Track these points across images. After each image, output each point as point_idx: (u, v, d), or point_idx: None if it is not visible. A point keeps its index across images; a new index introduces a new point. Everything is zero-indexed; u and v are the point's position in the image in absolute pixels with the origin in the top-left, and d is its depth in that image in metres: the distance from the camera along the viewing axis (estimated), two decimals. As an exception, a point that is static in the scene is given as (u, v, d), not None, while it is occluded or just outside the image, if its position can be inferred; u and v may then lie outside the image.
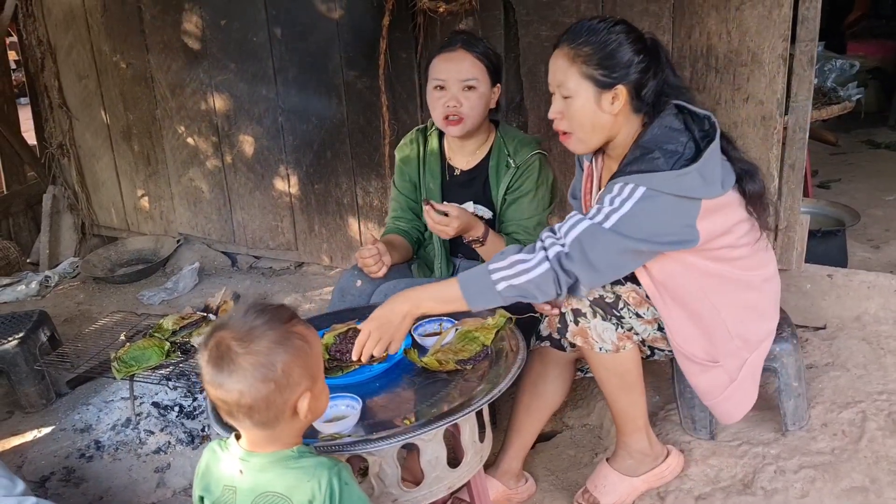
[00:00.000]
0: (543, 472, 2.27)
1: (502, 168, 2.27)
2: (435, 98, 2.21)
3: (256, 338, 1.25)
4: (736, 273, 1.85)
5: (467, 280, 1.80)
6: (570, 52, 1.79)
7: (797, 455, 2.02)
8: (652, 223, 1.69)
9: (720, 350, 1.88)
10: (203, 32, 3.73)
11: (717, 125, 1.76)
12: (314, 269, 3.95)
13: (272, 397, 1.25)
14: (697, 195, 1.70)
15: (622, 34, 1.78)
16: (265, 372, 1.24)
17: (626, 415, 1.98)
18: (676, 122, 1.78)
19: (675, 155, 1.72)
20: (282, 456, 1.31)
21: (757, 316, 1.92)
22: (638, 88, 1.79)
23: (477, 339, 1.88)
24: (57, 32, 4.26)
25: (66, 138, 4.47)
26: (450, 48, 2.20)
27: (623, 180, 1.71)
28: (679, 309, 1.85)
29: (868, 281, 2.61)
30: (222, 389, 1.25)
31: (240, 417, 1.28)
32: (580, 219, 1.73)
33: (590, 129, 1.83)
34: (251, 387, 1.24)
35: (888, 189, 4.34)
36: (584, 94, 1.79)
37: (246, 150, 3.85)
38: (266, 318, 1.28)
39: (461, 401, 1.66)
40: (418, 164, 2.41)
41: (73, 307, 3.93)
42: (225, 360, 1.24)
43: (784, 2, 2.38)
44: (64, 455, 2.52)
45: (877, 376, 2.30)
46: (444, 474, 1.68)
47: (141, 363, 2.42)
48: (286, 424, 1.30)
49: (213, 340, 1.27)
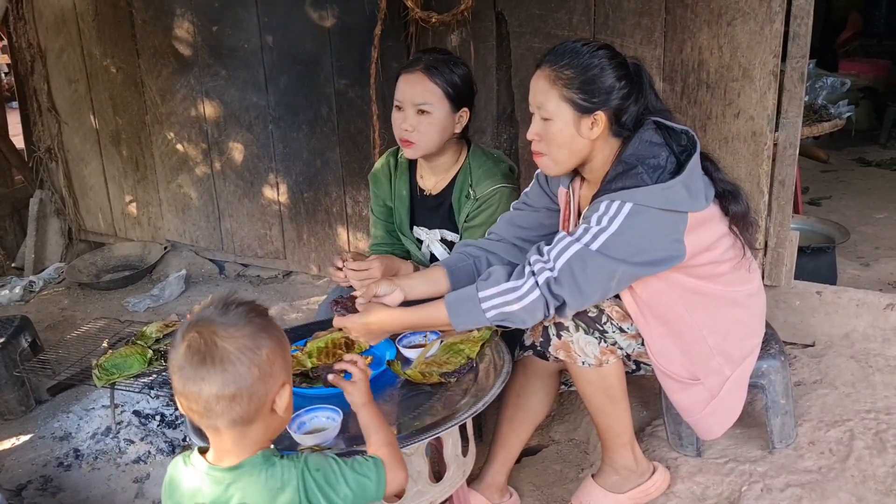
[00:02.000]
0: (528, 487, 2.24)
1: (463, 197, 2.24)
2: (394, 118, 2.20)
3: (240, 325, 1.23)
4: (719, 290, 1.83)
5: (455, 304, 1.77)
6: (552, 73, 1.77)
7: (784, 473, 2.00)
8: (640, 240, 1.68)
9: (701, 368, 1.86)
10: (194, 38, 3.71)
11: (695, 138, 1.76)
12: (302, 279, 3.92)
13: (255, 386, 1.22)
14: (684, 208, 1.69)
15: (605, 59, 1.77)
16: (251, 357, 1.21)
17: (610, 430, 1.96)
18: (656, 136, 1.77)
19: (658, 169, 1.71)
20: (248, 466, 1.26)
21: (741, 332, 1.91)
22: (618, 114, 1.79)
23: (462, 351, 1.86)
24: (47, 36, 4.24)
25: (55, 142, 4.43)
26: (410, 69, 2.16)
27: (609, 197, 1.70)
28: (661, 327, 1.83)
29: (857, 298, 2.60)
30: (204, 383, 1.20)
31: (217, 414, 1.21)
32: (569, 241, 1.71)
33: (567, 152, 1.82)
34: (236, 373, 1.20)
35: (878, 207, 4.35)
36: (564, 117, 1.77)
37: (235, 158, 3.83)
38: (245, 307, 1.26)
39: (444, 414, 1.64)
40: (390, 185, 2.40)
41: (56, 313, 3.89)
42: (209, 349, 1.20)
43: (776, 18, 2.38)
44: (42, 463, 2.47)
45: (865, 394, 2.29)
46: (426, 489, 1.66)
47: (122, 371, 2.38)
48: (262, 423, 1.26)
49: (191, 333, 1.22)
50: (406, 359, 1.90)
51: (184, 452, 1.35)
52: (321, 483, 1.26)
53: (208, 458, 1.30)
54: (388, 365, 1.85)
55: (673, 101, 2.59)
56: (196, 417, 1.25)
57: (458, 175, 2.27)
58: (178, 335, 1.25)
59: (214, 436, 1.28)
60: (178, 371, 1.22)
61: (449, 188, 2.29)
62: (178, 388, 1.23)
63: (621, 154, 1.78)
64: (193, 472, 1.30)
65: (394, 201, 2.40)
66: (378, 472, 1.31)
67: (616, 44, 2.62)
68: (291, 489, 1.25)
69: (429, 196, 2.34)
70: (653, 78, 1.86)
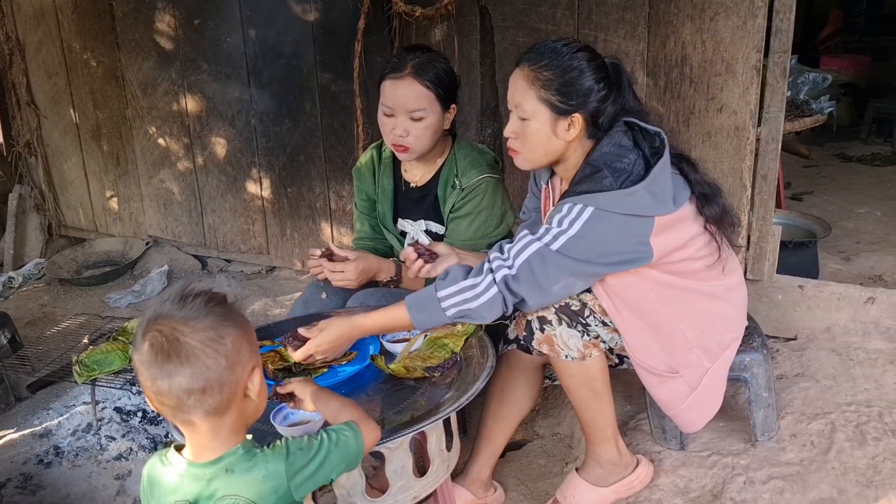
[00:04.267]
0: (513, 482, 2.24)
1: (449, 187, 2.23)
2: (383, 122, 2.16)
3: (201, 316, 1.20)
4: (695, 284, 1.84)
5: (415, 304, 1.79)
6: (531, 73, 1.77)
7: (766, 466, 2.02)
8: (601, 243, 1.69)
9: (679, 361, 1.87)
10: (176, 32, 3.68)
11: (665, 142, 1.76)
12: (286, 274, 3.90)
13: (225, 376, 1.20)
14: (648, 213, 1.69)
15: (584, 61, 1.77)
16: (216, 347, 1.19)
17: (594, 424, 1.96)
18: (626, 139, 1.78)
19: (623, 173, 1.71)
20: (229, 458, 1.25)
21: (720, 325, 1.92)
22: (595, 116, 1.79)
23: (446, 346, 1.85)
24: (26, 28, 4.18)
25: (34, 137, 4.38)
26: (398, 72, 2.10)
27: (571, 200, 1.71)
28: (636, 320, 1.84)
29: (838, 292, 2.62)
30: (171, 380, 1.18)
31: (190, 408, 1.20)
32: (530, 240, 1.72)
33: (542, 152, 1.83)
34: (203, 365, 1.18)
35: (859, 202, 4.39)
36: (541, 118, 1.78)
37: (218, 152, 3.80)
38: (203, 298, 1.23)
39: (428, 409, 1.63)
40: (373, 180, 2.38)
41: (36, 309, 3.85)
42: (172, 345, 1.17)
43: (758, 13, 2.39)
44: (21, 461, 2.44)
45: (846, 387, 2.31)
46: (410, 483, 1.66)
47: (103, 367, 2.36)
48: (237, 410, 1.25)
49: (152, 331, 1.19)
50: (390, 354, 1.89)
51: (159, 452, 1.33)
52: (307, 461, 1.27)
53: (186, 455, 1.28)
54: (372, 360, 1.84)
55: (656, 95, 2.60)
56: (169, 413, 1.23)
57: (443, 166, 2.26)
58: (139, 334, 1.22)
59: (190, 430, 1.26)
60: (144, 370, 1.20)
61: (434, 180, 2.28)
62: (146, 386, 1.21)
63: (589, 157, 1.79)
64: (172, 470, 1.28)
65: (377, 195, 2.38)
66: (355, 432, 1.34)
67: (600, 38, 2.63)
68: (277, 476, 1.24)
69: (414, 188, 2.33)
70: (633, 76, 1.86)
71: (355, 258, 2.13)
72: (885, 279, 3.25)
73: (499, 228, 2.24)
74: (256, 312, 3.50)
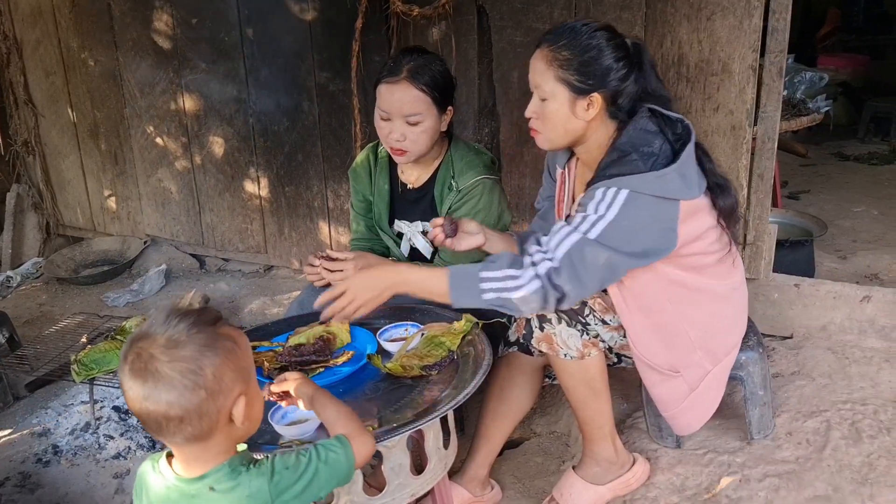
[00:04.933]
0: (510, 480, 2.25)
1: (446, 189, 2.23)
2: (380, 126, 2.16)
3: (181, 343, 1.16)
4: (704, 282, 1.84)
5: (457, 278, 1.73)
6: (549, 54, 1.77)
7: (762, 464, 2.02)
8: (636, 228, 1.67)
9: (681, 360, 1.88)
10: (174, 31, 3.68)
11: (690, 128, 1.76)
12: (284, 273, 3.90)
13: (205, 406, 1.16)
14: (678, 196, 1.69)
15: (603, 40, 1.75)
16: (195, 379, 1.15)
17: (592, 422, 1.97)
18: (651, 124, 1.77)
19: (651, 157, 1.70)
20: (214, 478, 1.22)
21: (723, 328, 1.92)
22: (615, 96, 1.78)
23: (443, 344, 1.86)
24: (24, 27, 4.18)
25: (32, 136, 4.38)
26: (394, 76, 2.09)
27: (605, 184, 1.69)
28: (644, 319, 1.84)
29: (834, 291, 2.63)
30: (148, 402, 1.15)
31: (170, 432, 1.17)
32: (568, 231, 1.68)
33: (561, 132, 1.82)
34: (181, 396, 1.14)
35: (856, 201, 4.40)
36: (560, 98, 1.77)
37: (216, 151, 3.80)
38: (189, 321, 1.18)
39: (425, 407, 1.64)
40: (370, 181, 2.39)
41: (34, 308, 3.85)
42: (149, 372, 1.14)
43: (754, 13, 2.39)
44: (20, 460, 2.45)
45: (841, 386, 2.31)
46: (407, 481, 1.66)
47: (102, 366, 2.36)
48: (221, 434, 1.21)
49: (133, 352, 1.16)
50: (387, 352, 1.90)
51: (152, 456, 1.30)
52: (293, 480, 1.24)
53: (175, 467, 1.26)
54: (369, 359, 1.85)
55: (653, 95, 2.61)
56: (153, 432, 1.20)
57: (440, 167, 2.27)
58: (123, 351, 1.19)
59: (175, 448, 1.24)
60: (126, 389, 1.18)
61: (431, 181, 2.28)
62: (129, 404, 1.19)
63: (616, 141, 1.78)
64: (161, 481, 1.26)
65: (373, 196, 2.39)
66: (345, 448, 1.30)
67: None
68: (261, 495, 1.21)
69: (411, 189, 2.33)
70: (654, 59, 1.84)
71: (354, 258, 2.14)
72: (881, 278, 3.26)
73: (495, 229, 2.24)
74: (254, 311, 3.50)
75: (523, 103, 1.85)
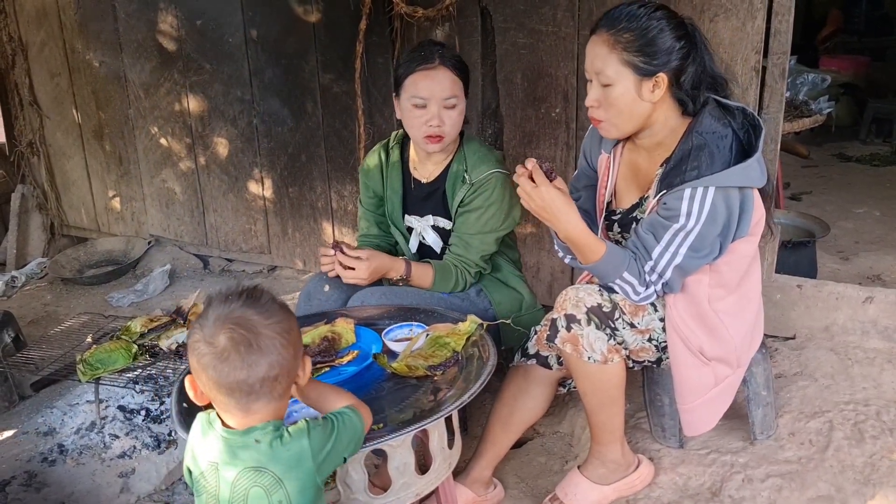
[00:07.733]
0: (513, 479, 2.26)
1: (458, 182, 2.25)
2: (414, 115, 2.16)
3: (273, 311, 1.32)
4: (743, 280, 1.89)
5: (611, 257, 1.81)
6: (610, 38, 1.75)
7: (765, 464, 2.03)
8: (725, 223, 1.74)
9: (717, 351, 1.89)
10: (178, 32, 3.69)
11: (753, 116, 1.78)
12: (287, 273, 3.91)
13: (292, 363, 1.33)
14: (757, 183, 1.75)
15: (663, 20, 1.75)
16: (287, 337, 1.31)
17: (604, 427, 1.97)
18: (719, 112, 1.79)
19: (728, 149, 1.74)
20: (259, 433, 1.32)
21: (751, 336, 1.97)
22: (678, 75, 1.77)
23: (448, 344, 1.87)
24: (29, 29, 4.20)
25: (37, 137, 4.39)
26: (428, 63, 2.14)
27: (691, 185, 1.71)
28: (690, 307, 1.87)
29: (837, 292, 2.63)
30: (250, 370, 1.27)
31: (263, 393, 1.30)
32: (668, 241, 1.76)
33: (627, 117, 1.81)
34: (279, 356, 1.29)
35: (858, 202, 4.41)
36: (625, 81, 1.76)
37: (220, 152, 3.82)
38: (269, 295, 1.35)
39: (430, 407, 1.65)
40: (382, 178, 2.40)
41: (39, 308, 3.86)
42: (255, 339, 1.28)
43: (757, 14, 2.40)
44: (26, 459, 2.46)
45: (844, 386, 2.32)
46: (412, 481, 1.67)
47: (107, 366, 2.37)
48: (287, 398, 1.37)
49: (227, 327, 1.28)
50: (392, 352, 1.91)
51: (208, 411, 1.39)
52: (325, 440, 1.34)
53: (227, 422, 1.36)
54: (374, 358, 1.86)
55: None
56: (236, 400, 1.30)
57: (451, 162, 2.29)
58: (207, 333, 1.29)
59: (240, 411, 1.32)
60: (217, 363, 1.27)
61: (443, 176, 2.31)
62: (212, 379, 1.29)
63: (688, 134, 1.79)
64: (212, 433, 1.36)
65: (386, 193, 2.40)
66: (356, 413, 1.43)
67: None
68: (302, 452, 1.31)
69: (422, 185, 2.35)
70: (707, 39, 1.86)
71: (367, 257, 2.16)
72: (883, 279, 3.27)
73: (506, 223, 2.27)
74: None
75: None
